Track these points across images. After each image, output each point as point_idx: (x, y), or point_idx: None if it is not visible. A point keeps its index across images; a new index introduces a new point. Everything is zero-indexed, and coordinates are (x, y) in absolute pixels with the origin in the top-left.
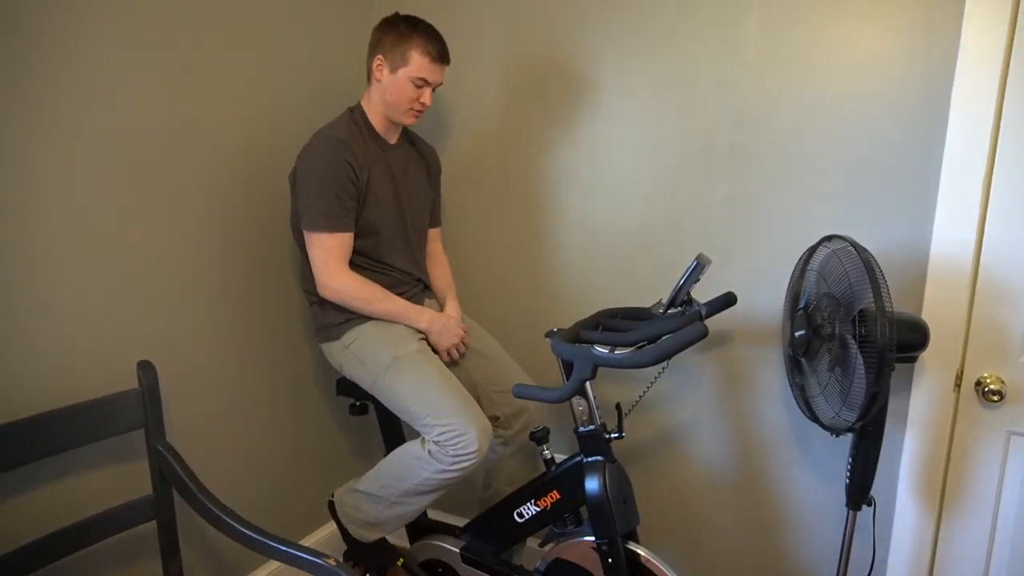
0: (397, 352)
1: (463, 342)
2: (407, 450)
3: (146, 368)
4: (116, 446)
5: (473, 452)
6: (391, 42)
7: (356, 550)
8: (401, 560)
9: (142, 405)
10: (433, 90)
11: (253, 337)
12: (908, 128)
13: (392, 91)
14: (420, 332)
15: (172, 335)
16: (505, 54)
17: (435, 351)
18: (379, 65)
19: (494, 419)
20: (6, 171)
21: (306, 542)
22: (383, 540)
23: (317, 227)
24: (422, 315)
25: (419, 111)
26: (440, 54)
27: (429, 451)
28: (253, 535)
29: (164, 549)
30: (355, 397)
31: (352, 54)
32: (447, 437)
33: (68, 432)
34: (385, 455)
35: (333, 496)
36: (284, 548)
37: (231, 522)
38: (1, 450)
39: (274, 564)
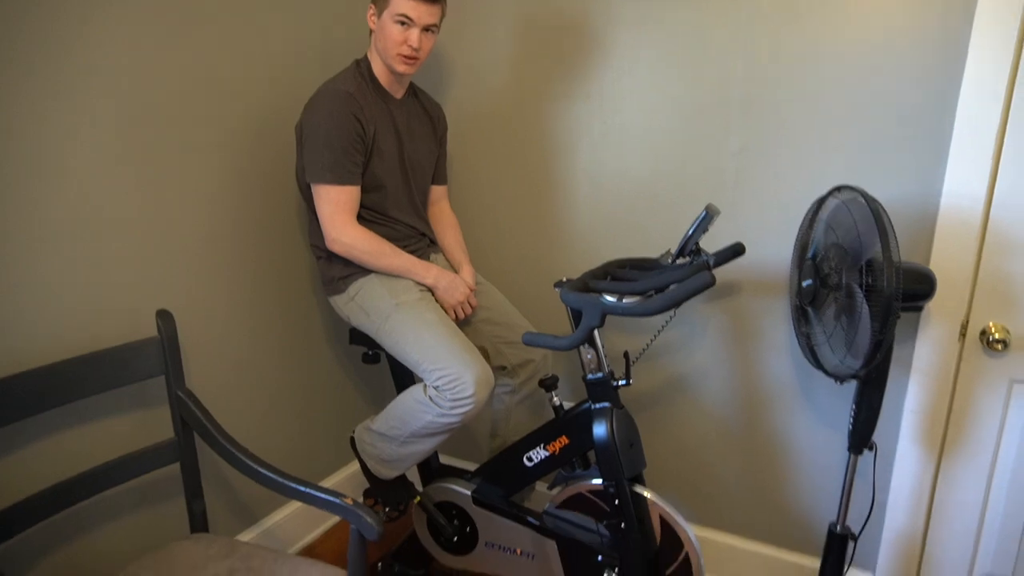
0: (398, 299)
1: (470, 301)
2: (411, 394)
3: (165, 317)
4: (138, 392)
5: (470, 396)
6: None
7: (376, 486)
8: (418, 498)
9: (162, 353)
10: (426, 32)
11: (267, 288)
12: (923, 80)
13: (380, 36)
14: (425, 287)
15: (190, 286)
16: (515, 4)
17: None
18: (371, 15)
19: (501, 369)
20: (30, 130)
21: (324, 485)
22: (402, 477)
23: (324, 179)
24: (428, 271)
25: (408, 56)
26: None
27: (430, 396)
28: (273, 476)
29: (188, 490)
30: (367, 346)
31: (357, 9)
32: (444, 382)
33: (92, 378)
34: (396, 390)
35: (354, 433)
36: (303, 488)
37: (251, 464)
38: (30, 395)
39: (293, 505)
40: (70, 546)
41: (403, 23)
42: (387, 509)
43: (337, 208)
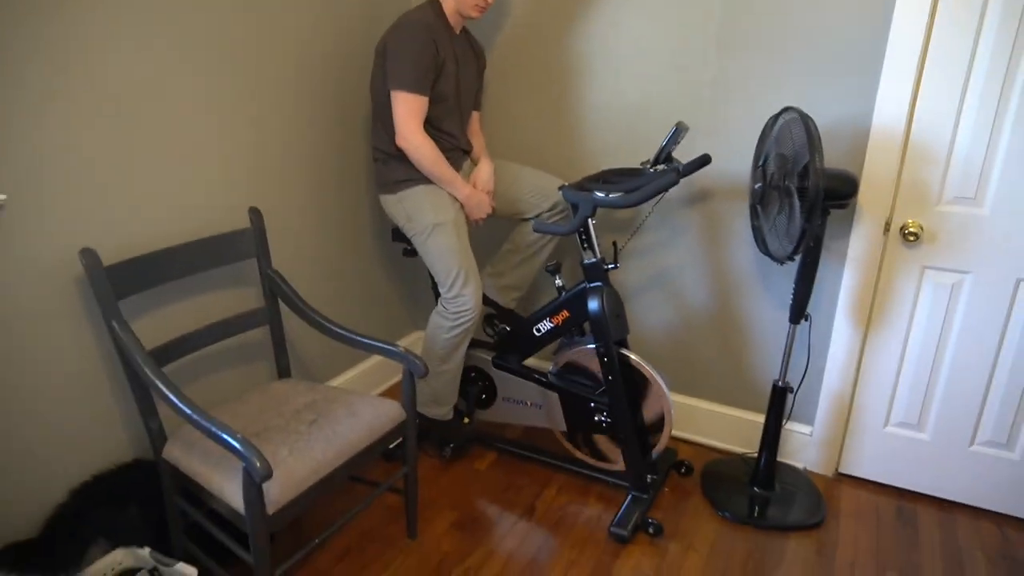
0: (437, 219)
1: (488, 213)
2: (430, 323)
3: (256, 213)
4: (234, 270)
5: (469, 309)
6: None
7: (434, 429)
8: (466, 419)
9: (254, 241)
10: None
11: (332, 189)
12: (861, 19)
13: None
14: (458, 200)
15: (273, 184)
16: None
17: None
18: None
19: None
20: (142, 46)
21: None
22: (454, 416)
23: (405, 86)
24: (464, 188)
25: (483, 6)
26: None
27: (438, 312)
28: (343, 331)
29: (276, 347)
30: (406, 243)
31: None
32: (451, 295)
33: (204, 257)
34: (431, 283)
35: None
36: (366, 340)
37: (324, 322)
38: (153, 270)
39: (355, 370)
40: (196, 383)
41: None
42: (451, 446)
43: (410, 113)
